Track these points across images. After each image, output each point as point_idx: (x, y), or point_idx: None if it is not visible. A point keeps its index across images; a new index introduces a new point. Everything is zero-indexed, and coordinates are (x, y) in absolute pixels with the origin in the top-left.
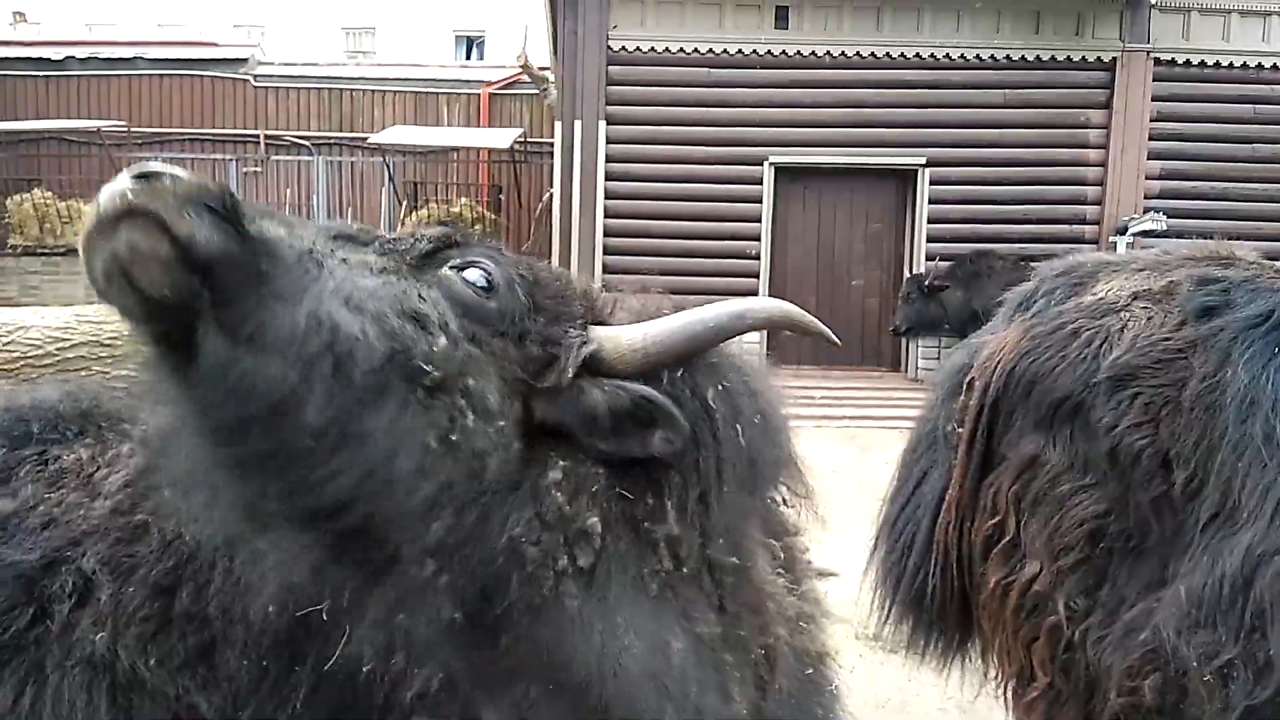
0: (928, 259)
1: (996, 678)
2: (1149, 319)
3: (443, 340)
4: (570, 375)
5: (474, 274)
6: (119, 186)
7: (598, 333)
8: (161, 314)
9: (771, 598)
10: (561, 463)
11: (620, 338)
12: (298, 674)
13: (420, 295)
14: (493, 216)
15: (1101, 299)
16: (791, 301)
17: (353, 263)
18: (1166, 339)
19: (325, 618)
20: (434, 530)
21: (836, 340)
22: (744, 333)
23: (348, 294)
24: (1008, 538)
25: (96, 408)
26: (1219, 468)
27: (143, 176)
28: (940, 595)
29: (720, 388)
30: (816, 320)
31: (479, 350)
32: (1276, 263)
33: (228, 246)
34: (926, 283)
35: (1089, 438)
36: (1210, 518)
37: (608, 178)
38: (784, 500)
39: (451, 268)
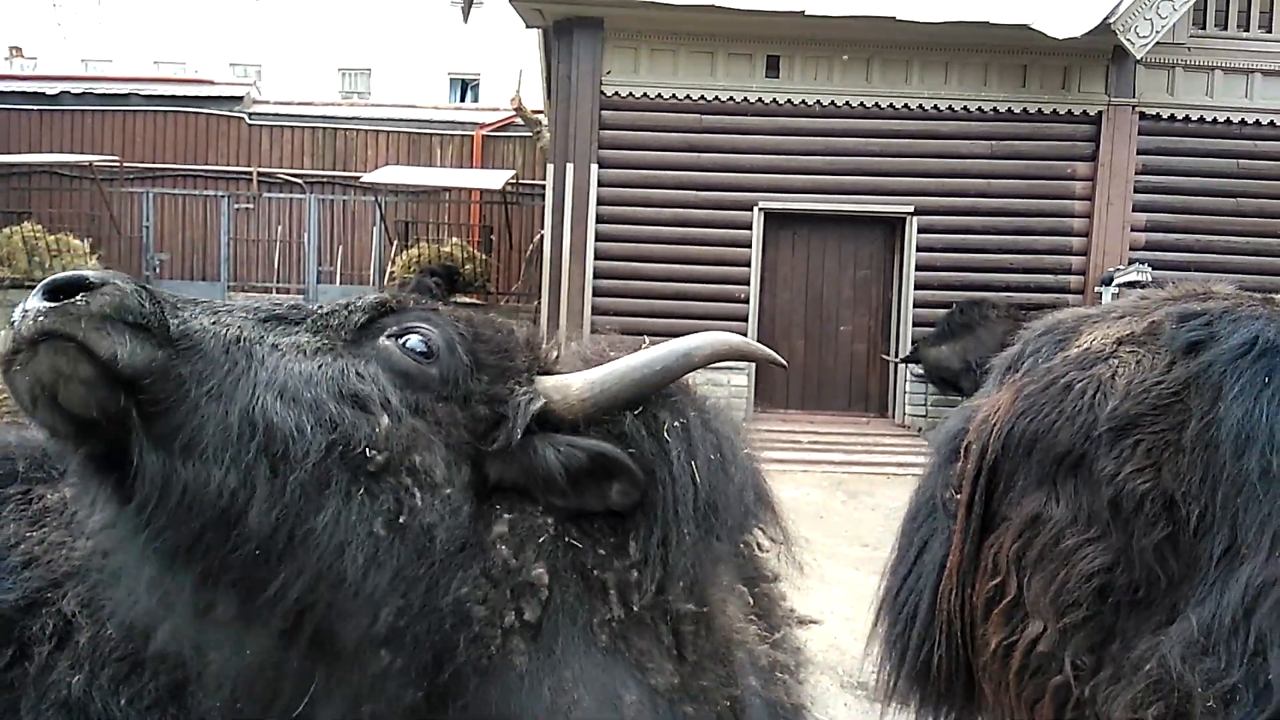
0: (915, 305)
1: None
2: (1138, 362)
3: (385, 420)
4: (519, 434)
5: (413, 340)
6: (35, 306)
7: (545, 384)
8: (91, 433)
9: (741, 646)
10: (507, 515)
11: (569, 387)
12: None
13: (358, 373)
14: (483, 257)
15: (1087, 349)
16: (779, 346)
17: (285, 347)
18: (1160, 382)
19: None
20: (384, 617)
21: (784, 363)
22: (693, 370)
23: (281, 384)
24: (1009, 598)
25: None
26: (1224, 503)
27: (57, 293)
28: (946, 666)
29: (676, 425)
30: (762, 347)
31: (423, 422)
32: (1253, 288)
33: (151, 357)
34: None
35: (1092, 489)
36: (1223, 552)
37: (598, 220)
38: (759, 545)
39: (389, 336)
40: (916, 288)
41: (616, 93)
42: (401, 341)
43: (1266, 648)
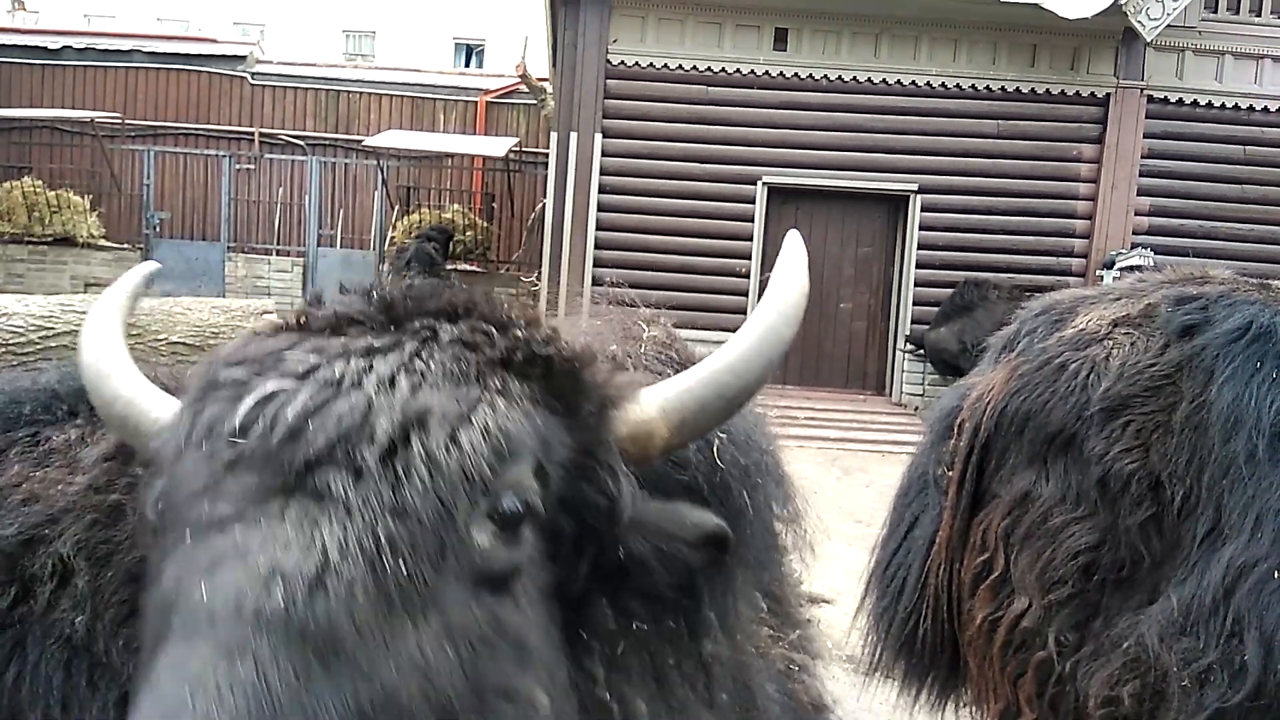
0: (916, 284)
1: (983, 714)
2: (1132, 344)
3: (543, 700)
4: (618, 542)
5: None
6: None
7: (621, 436)
8: None
9: (757, 657)
10: (597, 646)
11: (650, 436)
12: None
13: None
14: (484, 224)
15: (1083, 330)
16: None
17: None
18: (1153, 364)
19: None
20: None
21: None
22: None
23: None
24: (996, 573)
25: None
26: (1209, 485)
27: None
28: (931, 640)
29: (738, 457)
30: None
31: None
32: (1250, 273)
33: None
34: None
35: (1081, 469)
36: (1206, 533)
37: (601, 190)
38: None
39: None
40: (918, 266)
41: (623, 62)
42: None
43: (1243, 629)
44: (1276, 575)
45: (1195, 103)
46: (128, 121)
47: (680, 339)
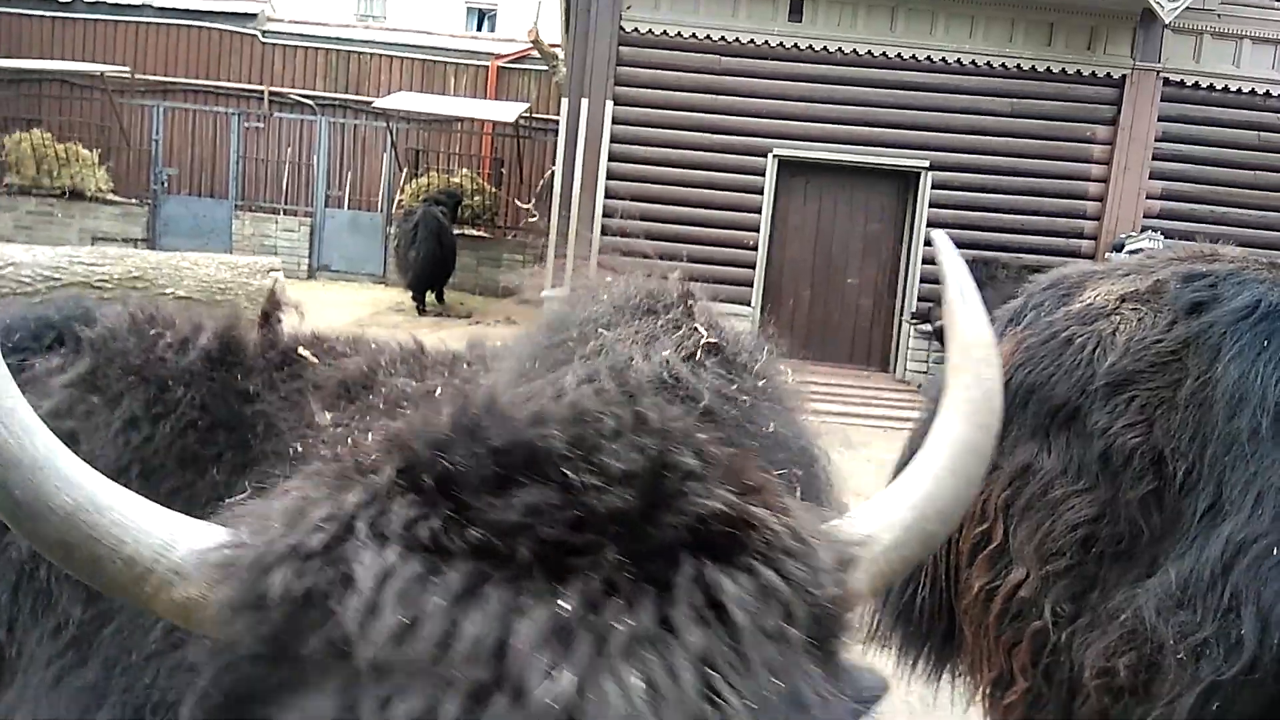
0: (925, 262)
1: (976, 681)
2: (1139, 320)
3: None
4: None
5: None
6: None
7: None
8: None
9: None
10: None
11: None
12: None
13: None
14: (493, 190)
15: (1090, 305)
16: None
17: None
18: (1159, 340)
19: None
20: None
21: None
22: None
23: None
24: (995, 544)
25: (85, 315)
26: (1211, 462)
27: None
28: (928, 609)
29: None
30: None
31: None
32: (1260, 254)
33: None
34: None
35: (1084, 442)
36: (1206, 509)
37: (611, 158)
38: None
39: None
40: (927, 244)
41: (636, 29)
42: None
43: (1240, 604)
44: (1275, 551)
45: (1211, 86)
46: (137, 76)
47: (704, 301)
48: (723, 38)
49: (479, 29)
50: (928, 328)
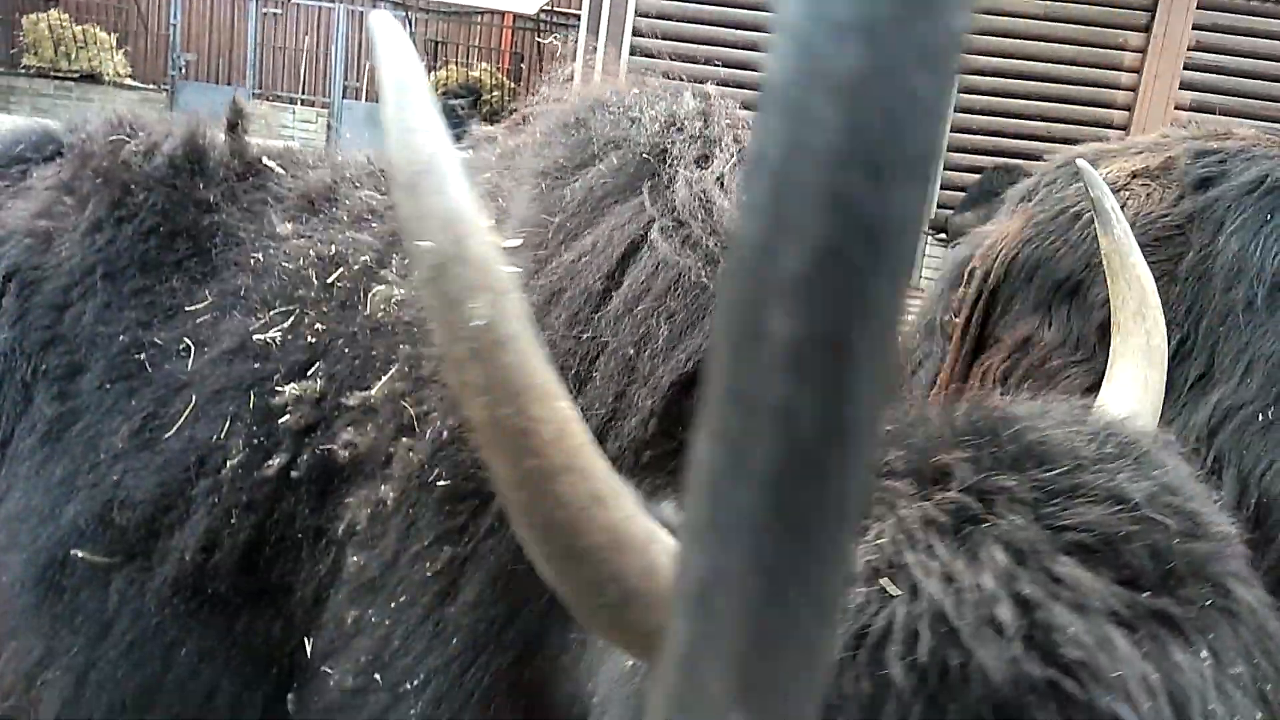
0: (945, 168)
1: None
2: (1148, 195)
3: None
4: None
5: None
6: None
7: None
8: None
9: None
10: None
11: None
12: None
13: None
14: (512, 85)
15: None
16: None
17: None
18: (1165, 215)
19: None
20: None
21: None
22: None
23: None
24: None
25: (81, 125)
26: (1206, 332)
27: None
28: None
29: None
30: None
31: None
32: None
33: None
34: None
35: (1083, 315)
36: (1197, 377)
37: (632, 52)
38: None
39: None
40: (950, 150)
41: None
42: None
43: (1223, 467)
44: (1260, 417)
45: None
46: None
47: (728, 107)
48: None
49: None
50: (944, 237)
